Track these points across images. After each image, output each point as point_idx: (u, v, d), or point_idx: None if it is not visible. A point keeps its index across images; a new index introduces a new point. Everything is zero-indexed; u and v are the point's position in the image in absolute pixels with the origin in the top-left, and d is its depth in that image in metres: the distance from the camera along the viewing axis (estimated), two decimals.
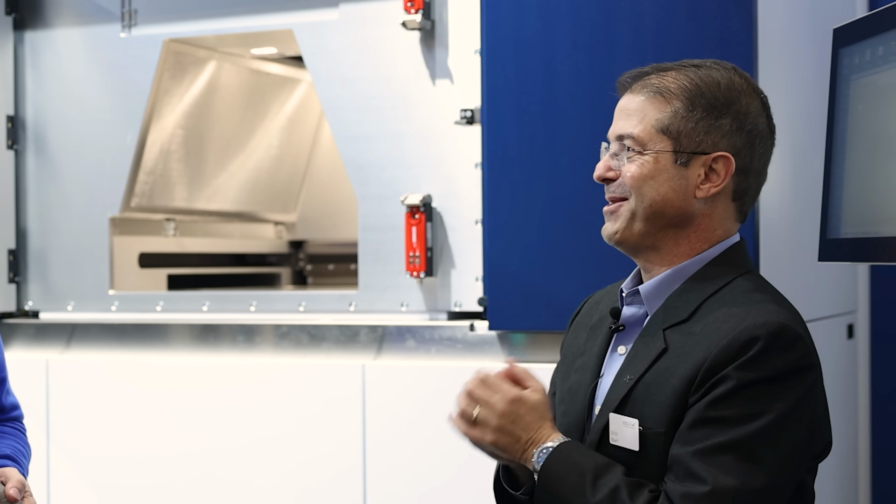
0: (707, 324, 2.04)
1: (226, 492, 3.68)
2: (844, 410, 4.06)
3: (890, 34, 1.88)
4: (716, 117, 2.11)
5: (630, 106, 2.16)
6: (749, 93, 2.15)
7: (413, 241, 3.51)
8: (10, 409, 2.69)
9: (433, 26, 3.54)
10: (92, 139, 4.07)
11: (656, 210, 2.12)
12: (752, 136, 2.14)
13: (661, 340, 2.07)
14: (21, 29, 4.15)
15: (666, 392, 2.02)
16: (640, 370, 2.06)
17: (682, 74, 2.14)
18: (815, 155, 2.95)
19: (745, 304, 2.05)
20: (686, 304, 2.10)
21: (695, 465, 1.94)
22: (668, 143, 2.11)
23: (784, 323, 2.00)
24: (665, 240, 2.15)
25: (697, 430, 1.96)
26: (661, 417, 2.01)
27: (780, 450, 1.95)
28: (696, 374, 1.99)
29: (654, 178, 2.11)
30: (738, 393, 1.95)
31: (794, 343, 1.99)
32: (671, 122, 2.11)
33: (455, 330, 3.48)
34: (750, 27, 3.09)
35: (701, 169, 2.12)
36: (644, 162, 2.12)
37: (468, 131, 3.49)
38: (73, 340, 3.98)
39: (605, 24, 3.22)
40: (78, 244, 4.08)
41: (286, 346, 3.67)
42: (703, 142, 2.11)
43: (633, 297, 2.19)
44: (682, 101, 2.12)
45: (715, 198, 2.14)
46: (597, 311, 2.31)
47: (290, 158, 5.03)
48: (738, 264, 2.16)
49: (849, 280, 4.15)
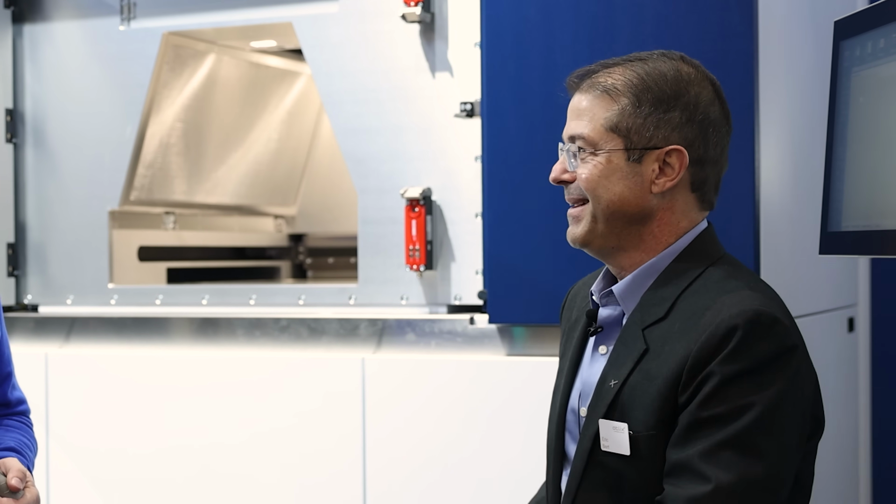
0: (684, 320, 2.03)
1: (225, 485, 3.68)
2: (845, 404, 4.06)
3: (891, 26, 1.87)
4: (664, 110, 2.10)
5: (579, 105, 2.16)
6: (699, 81, 2.14)
7: (413, 235, 3.50)
8: (17, 404, 2.68)
9: (433, 19, 3.54)
10: (91, 132, 4.06)
11: (614, 210, 2.11)
12: (704, 126, 2.13)
13: (642, 341, 2.07)
14: (20, 22, 4.15)
15: (651, 394, 2.01)
16: (624, 374, 2.06)
17: (629, 70, 2.13)
18: (816, 148, 2.95)
19: (718, 293, 2.04)
20: (662, 302, 2.09)
21: (701, 467, 1.94)
22: (618, 141, 2.11)
23: (759, 309, 1.99)
24: (629, 238, 2.14)
25: (695, 433, 1.96)
26: (649, 420, 2.01)
27: (775, 436, 1.95)
28: (680, 373, 1.98)
29: (608, 178, 2.11)
30: (725, 387, 1.95)
31: (773, 327, 1.98)
32: (620, 119, 2.11)
33: (455, 323, 3.47)
34: (750, 19, 3.08)
35: (654, 164, 2.11)
36: (597, 163, 2.11)
37: (468, 124, 3.48)
38: (72, 334, 3.98)
39: (605, 16, 3.22)
40: (77, 238, 4.08)
41: (286, 339, 3.67)
42: (654, 136, 2.10)
43: (608, 298, 2.18)
44: (628, 97, 2.11)
45: (672, 191, 2.13)
46: (575, 308, 2.30)
47: (290, 152, 5.03)
48: (708, 253, 2.15)
49: (849, 273, 4.14)
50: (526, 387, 3.33)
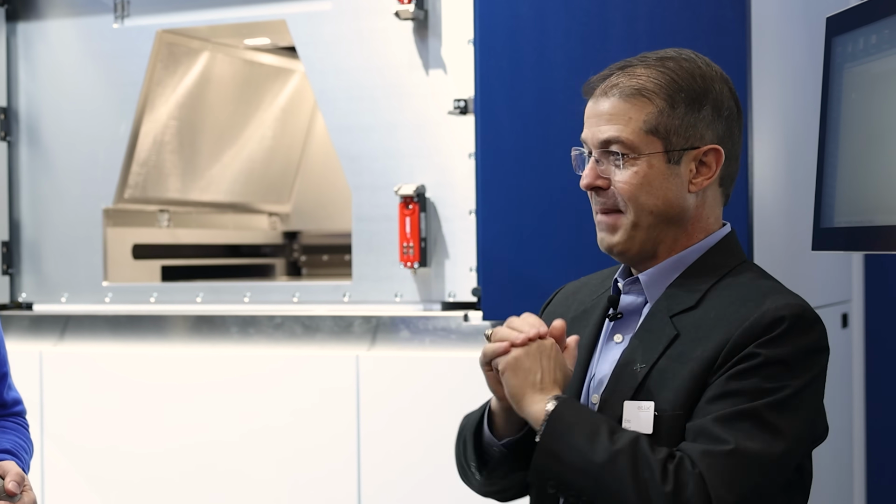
0: (719, 308, 2.05)
1: (220, 482, 3.68)
2: (839, 399, 4.07)
3: (883, 22, 1.87)
4: (697, 109, 2.10)
5: (606, 109, 2.11)
6: (718, 78, 2.14)
7: (407, 232, 3.50)
8: (13, 405, 2.67)
9: (426, 16, 3.54)
10: (85, 130, 4.06)
11: (657, 214, 2.10)
12: (729, 122, 2.14)
13: (671, 327, 2.07)
14: (13, 20, 4.14)
15: (683, 375, 2.01)
16: (653, 357, 2.05)
17: (654, 70, 2.10)
18: (809, 144, 2.95)
19: (757, 290, 2.06)
20: (691, 293, 2.09)
21: (716, 430, 1.94)
22: (658, 144, 2.08)
23: (805, 306, 2.03)
24: (665, 240, 2.14)
25: (717, 403, 1.97)
26: (677, 400, 2.01)
27: (795, 423, 1.97)
28: (716, 357, 1.99)
29: (651, 183, 2.08)
30: (760, 367, 1.96)
31: (815, 325, 2.03)
32: (658, 121, 2.08)
33: (449, 320, 3.47)
34: (743, 16, 3.09)
35: (692, 164, 2.11)
36: (638, 168, 2.08)
37: (462, 121, 3.48)
38: (66, 332, 3.98)
39: (599, 13, 3.22)
40: (71, 236, 4.07)
41: (280, 337, 3.67)
42: (692, 137, 2.10)
43: (631, 286, 2.18)
44: (663, 98, 2.08)
45: (706, 188, 2.14)
46: (575, 302, 2.29)
47: (284, 149, 5.03)
48: (735, 253, 2.17)
49: (843, 269, 4.15)
50: None
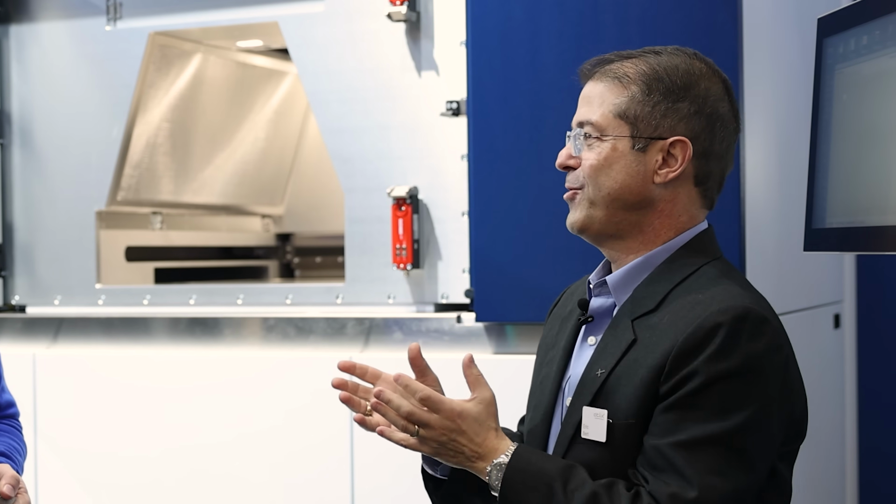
0: (673, 312, 2.04)
1: (214, 485, 3.68)
2: (831, 400, 4.07)
3: (874, 23, 1.88)
4: (673, 101, 2.11)
5: (591, 93, 2.17)
6: (709, 77, 2.15)
7: (400, 234, 3.51)
8: (6, 407, 2.67)
9: (419, 18, 3.54)
10: (78, 133, 4.06)
11: (614, 196, 2.12)
12: (711, 120, 2.14)
13: (630, 332, 2.07)
14: (6, 23, 4.14)
15: (634, 383, 2.02)
16: (612, 363, 2.06)
17: (642, 61, 2.14)
18: (801, 145, 2.95)
19: (710, 291, 2.04)
20: (653, 294, 2.10)
21: (679, 461, 1.93)
22: (625, 128, 2.11)
23: (748, 306, 1.99)
24: (627, 226, 2.14)
25: (676, 423, 1.95)
26: (629, 409, 2.01)
27: (761, 438, 1.96)
28: (664, 364, 1.99)
29: (612, 165, 2.11)
30: (711, 387, 1.95)
31: (761, 327, 1.98)
32: (628, 106, 2.11)
33: (442, 322, 3.48)
34: (735, 17, 3.09)
35: (659, 154, 2.12)
36: (602, 149, 2.12)
37: (454, 123, 3.49)
38: (60, 335, 3.98)
39: (591, 15, 3.22)
40: (64, 238, 4.07)
41: (273, 338, 3.67)
42: (660, 126, 2.11)
43: (601, 288, 2.19)
44: (638, 85, 2.12)
45: (676, 182, 2.13)
46: (570, 302, 2.31)
47: (277, 151, 5.03)
48: (706, 252, 2.15)
49: (835, 270, 4.16)
50: (513, 384, 3.32)
